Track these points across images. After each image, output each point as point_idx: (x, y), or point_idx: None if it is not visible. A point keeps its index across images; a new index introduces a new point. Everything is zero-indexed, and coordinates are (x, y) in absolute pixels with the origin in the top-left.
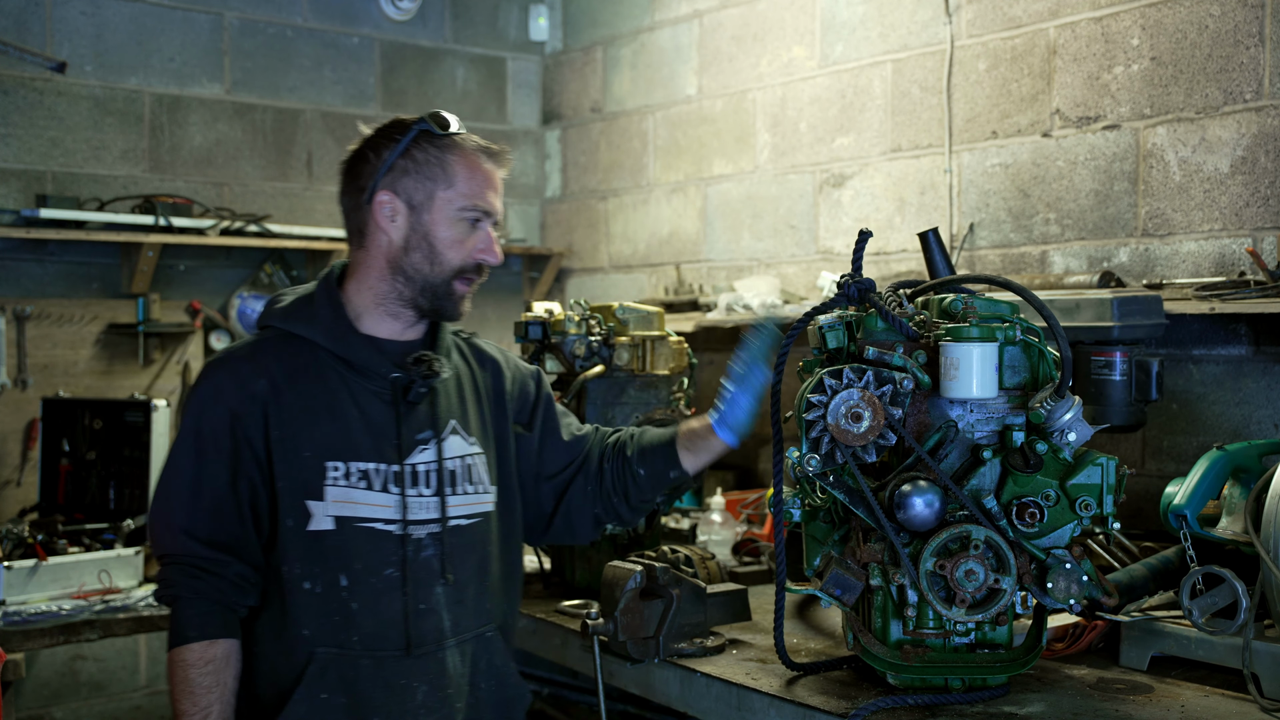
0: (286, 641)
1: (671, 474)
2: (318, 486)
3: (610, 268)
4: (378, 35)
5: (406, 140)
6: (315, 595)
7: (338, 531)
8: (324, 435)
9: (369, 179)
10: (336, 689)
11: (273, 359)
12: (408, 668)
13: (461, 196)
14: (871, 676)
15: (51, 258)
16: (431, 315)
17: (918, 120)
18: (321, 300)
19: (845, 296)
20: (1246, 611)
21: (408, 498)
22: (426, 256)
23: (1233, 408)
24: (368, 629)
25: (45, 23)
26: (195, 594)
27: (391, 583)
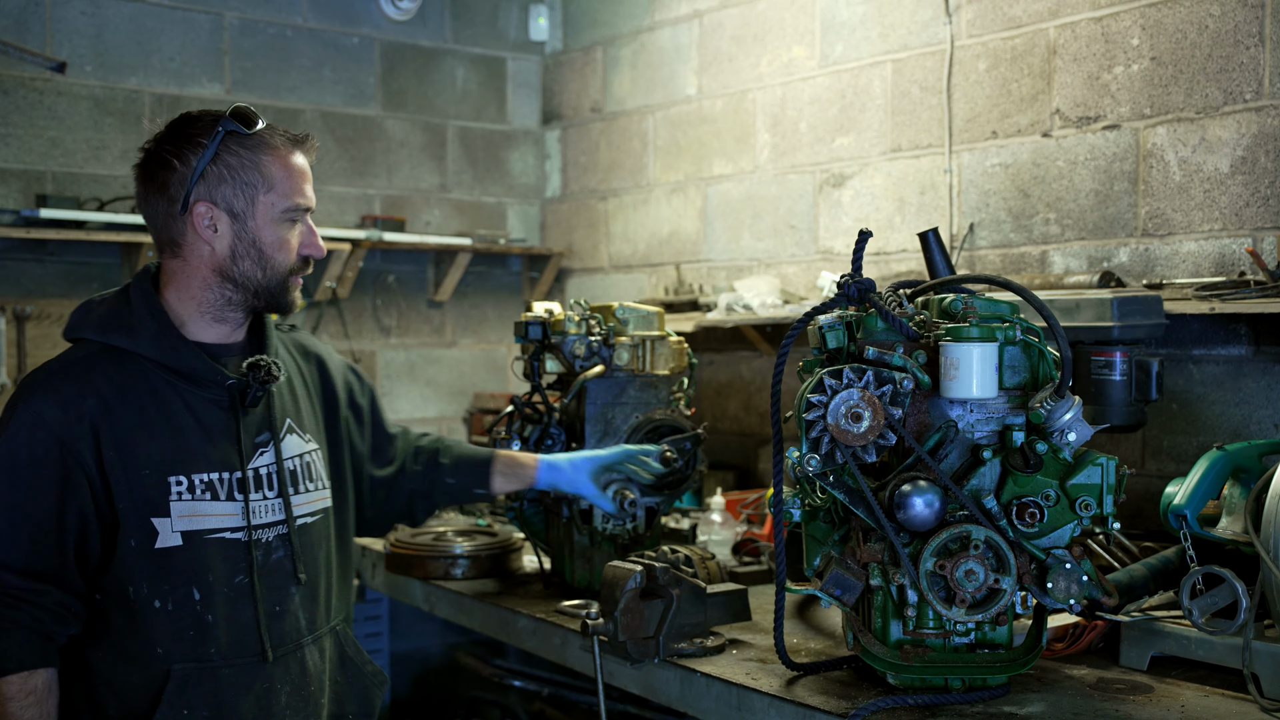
0: (138, 663)
1: (478, 491)
2: (162, 503)
3: (610, 268)
4: (378, 35)
5: (214, 144)
6: (167, 613)
7: (186, 546)
8: (162, 450)
9: (179, 187)
10: (199, 704)
11: (99, 376)
12: (269, 672)
13: (283, 198)
14: (871, 676)
15: (51, 258)
16: (269, 311)
17: (918, 120)
18: (141, 310)
19: (845, 296)
20: (1246, 611)
21: (252, 502)
22: (257, 263)
23: (1233, 408)
24: (224, 639)
25: (45, 23)
26: (12, 624)
27: (243, 590)
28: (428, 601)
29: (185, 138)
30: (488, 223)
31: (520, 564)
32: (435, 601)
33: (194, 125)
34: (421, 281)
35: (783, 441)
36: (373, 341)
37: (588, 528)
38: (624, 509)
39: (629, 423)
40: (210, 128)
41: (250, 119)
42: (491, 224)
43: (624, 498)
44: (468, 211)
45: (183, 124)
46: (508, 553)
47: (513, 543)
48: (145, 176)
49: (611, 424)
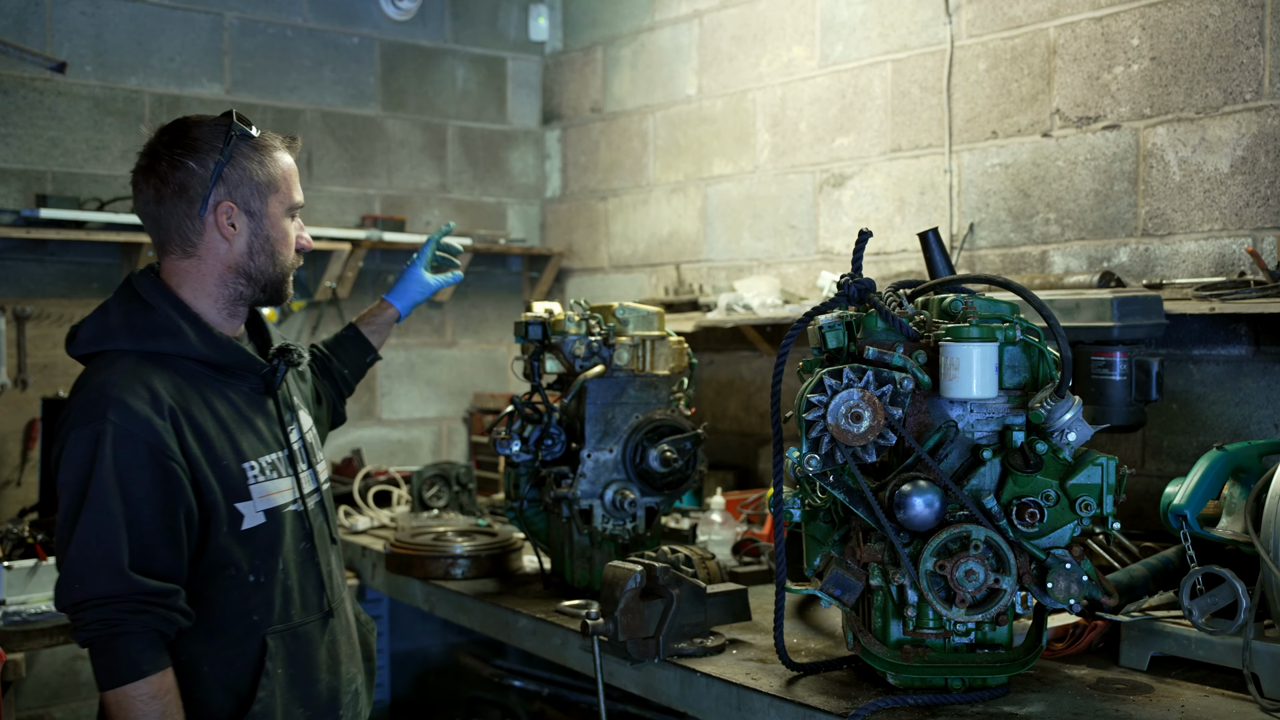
0: (234, 635)
1: (368, 359)
2: (243, 488)
3: (610, 268)
4: (378, 35)
5: (230, 148)
6: (260, 585)
7: (268, 523)
8: (232, 440)
9: (200, 189)
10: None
11: (158, 382)
12: (332, 625)
13: (287, 197)
14: (871, 676)
15: (51, 258)
16: (270, 303)
17: (918, 120)
18: (173, 314)
19: (845, 296)
20: (1246, 611)
21: (300, 475)
22: (270, 258)
23: (1233, 408)
24: (301, 601)
25: (45, 23)
26: (144, 628)
27: (307, 555)
28: (428, 601)
29: (197, 142)
30: (488, 223)
31: (520, 564)
32: (435, 601)
33: (201, 130)
34: None
35: (783, 441)
36: None
37: (588, 528)
38: (623, 509)
39: (629, 423)
40: (219, 133)
41: (251, 123)
42: (491, 224)
43: (624, 497)
44: (468, 211)
45: (188, 129)
46: (508, 553)
47: (513, 543)
48: (158, 180)
49: (611, 424)
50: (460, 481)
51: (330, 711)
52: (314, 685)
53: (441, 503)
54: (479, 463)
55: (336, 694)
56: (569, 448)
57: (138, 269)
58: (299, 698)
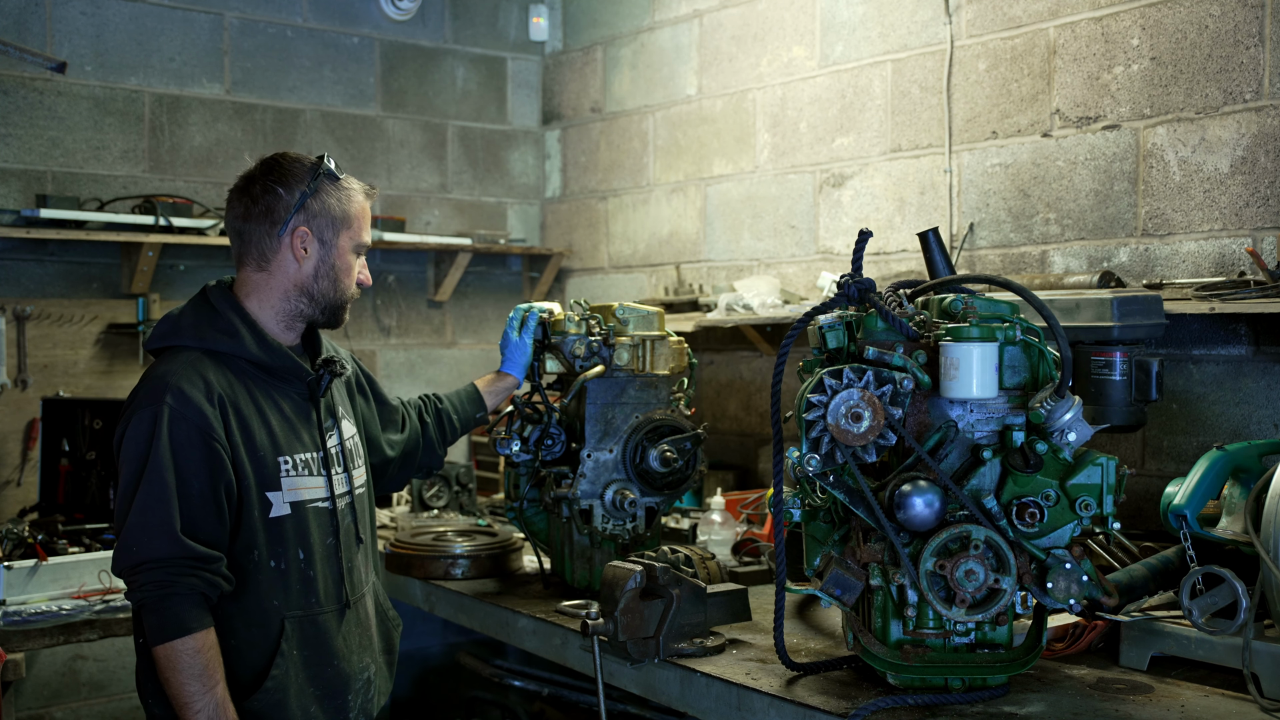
0: (259, 616)
1: (478, 415)
2: (275, 479)
3: (610, 268)
4: (378, 35)
5: (316, 183)
6: (280, 571)
7: (293, 515)
8: (271, 434)
9: (284, 213)
10: (303, 646)
11: (213, 375)
12: (349, 617)
13: (356, 236)
14: (871, 676)
15: (51, 258)
16: (324, 326)
17: (918, 120)
18: (235, 319)
19: (845, 296)
20: (1246, 611)
21: (333, 476)
22: (332, 284)
23: (1233, 408)
24: (321, 591)
25: (45, 23)
26: (191, 589)
27: (331, 550)
28: (428, 601)
29: (288, 174)
30: (488, 223)
31: (520, 564)
32: (435, 601)
33: (295, 164)
34: (421, 281)
35: (783, 441)
36: (373, 341)
37: (588, 528)
38: (623, 509)
39: (629, 423)
40: (309, 169)
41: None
42: (491, 224)
43: (624, 497)
44: (468, 211)
45: (284, 162)
46: (508, 553)
47: (513, 543)
48: (249, 200)
49: (611, 424)
50: (460, 481)
51: (339, 694)
52: (326, 668)
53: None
54: (479, 463)
55: (347, 680)
56: (569, 448)
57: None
58: (311, 678)
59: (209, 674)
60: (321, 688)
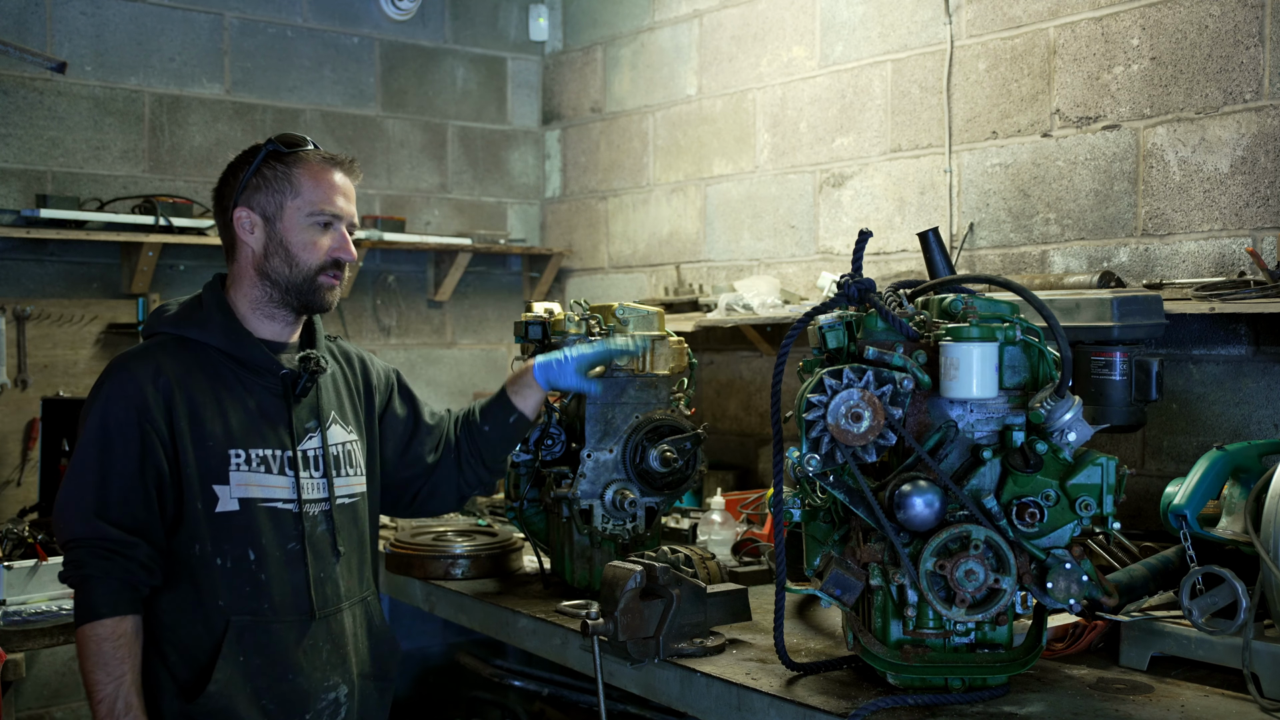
0: (202, 614)
1: (510, 418)
2: (223, 472)
3: (610, 268)
4: (378, 35)
5: (257, 161)
6: (226, 570)
7: (242, 512)
8: (224, 426)
9: (229, 198)
10: (253, 651)
11: (171, 359)
12: (314, 629)
13: (308, 204)
14: (871, 676)
15: (51, 258)
16: (304, 310)
17: (918, 120)
18: (211, 307)
19: (845, 296)
20: (1246, 611)
21: (301, 479)
22: (285, 260)
23: (1233, 408)
24: (277, 596)
25: (45, 23)
26: (105, 574)
27: (295, 555)
28: (428, 601)
29: (242, 159)
30: (488, 223)
31: (520, 564)
32: (435, 601)
33: (251, 150)
34: (421, 281)
35: (783, 441)
36: (373, 341)
37: (588, 528)
38: (623, 509)
39: (629, 423)
40: (260, 150)
41: (293, 142)
42: (491, 224)
43: (624, 497)
44: (468, 211)
45: (246, 151)
46: (508, 553)
47: (513, 543)
48: (214, 196)
49: (611, 424)
50: None
51: (297, 712)
52: (280, 682)
53: None
54: None
55: (306, 697)
56: (569, 448)
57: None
58: (263, 689)
59: (116, 663)
60: (276, 701)
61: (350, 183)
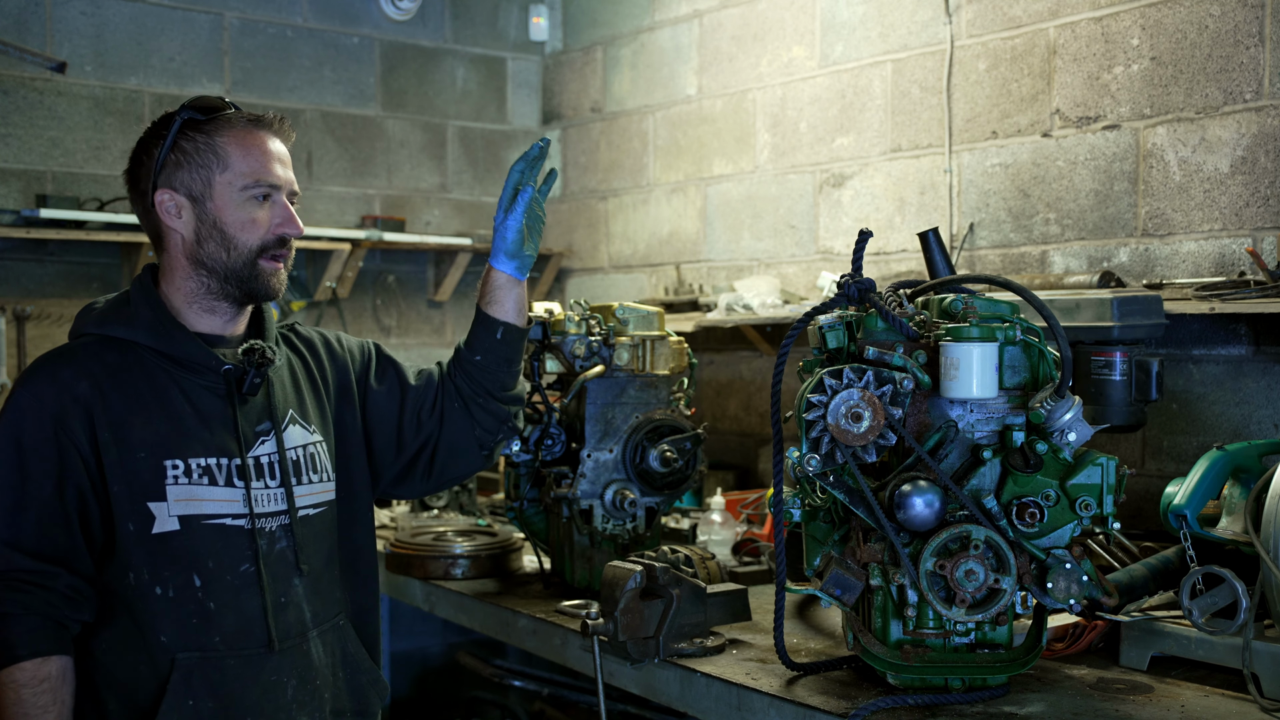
0: (143, 652)
1: (497, 334)
2: (158, 487)
3: (610, 268)
4: (378, 35)
5: (172, 133)
6: (168, 599)
7: (184, 532)
8: (157, 433)
9: (146, 181)
10: (204, 694)
11: (94, 361)
12: (275, 664)
13: (241, 176)
14: (871, 676)
15: (51, 258)
16: (247, 299)
17: (918, 120)
18: (139, 301)
19: (845, 296)
20: (1246, 611)
21: (253, 490)
22: (221, 244)
23: (1233, 408)
24: (229, 628)
25: (45, 23)
26: (24, 609)
27: (248, 579)
28: (428, 601)
29: (154, 132)
30: (488, 223)
31: (520, 564)
32: (435, 601)
33: (163, 121)
34: (421, 281)
35: (783, 441)
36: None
37: (588, 528)
38: (623, 509)
39: (629, 423)
40: (172, 120)
41: (210, 106)
42: (491, 224)
43: (624, 497)
44: (468, 211)
45: (157, 122)
46: (508, 553)
47: (513, 543)
48: (127, 179)
49: (611, 424)
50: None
51: None
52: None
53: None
54: None
55: None
56: (569, 448)
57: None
58: None
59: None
60: None
61: (284, 146)
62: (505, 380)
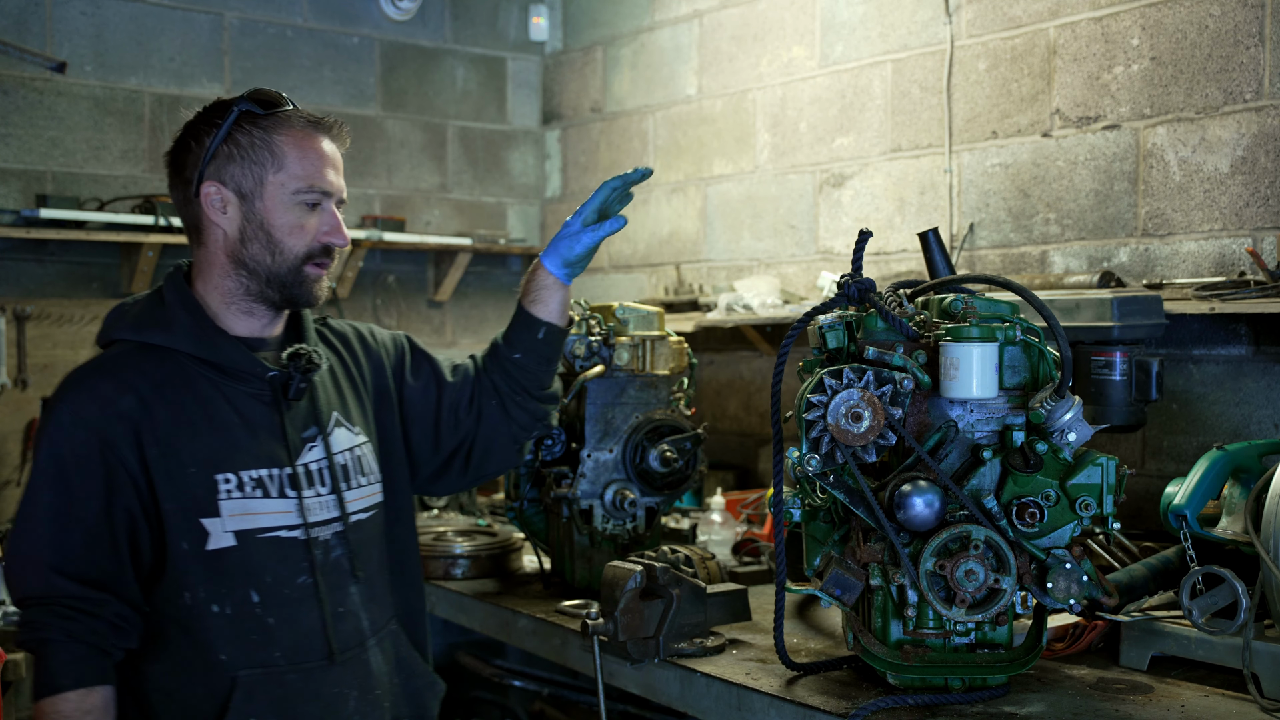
0: (200, 673)
1: (539, 334)
2: (210, 502)
3: (610, 268)
4: (378, 35)
5: (228, 123)
6: (226, 617)
7: (239, 547)
8: (207, 446)
9: (193, 169)
10: (266, 711)
11: (134, 373)
12: (336, 676)
13: (295, 179)
14: (871, 676)
15: (51, 258)
16: (286, 305)
17: (918, 120)
18: (175, 305)
19: (845, 296)
20: (1246, 611)
21: (305, 499)
22: (265, 247)
23: (1233, 408)
24: (288, 642)
25: (45, 23)
26: (69, 637)
27: (306, 590)
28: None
29: (206, 119)
30: (488, 223)
31: (520, 564)
32: (435, 601)
33: (217, 108)
34: (421, 281)
35: (783, 441)
36: None
37: (588, 528)
38: (623, 509)
39: (629, 423)
40: (229, 110)
41: (270, 100)
42: (491, 224)
43: (624, 497)
44: (468, 211)
45: (210, 108)
46: (508, 553)
47: (513, 543)
48: (171, 161)
49: (611, 424)
50: None
51: None
52: None
53: (441, 503)
54: None
55: None
56: (569, 448)
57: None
58: None
59: None
60: None
61: (338, 151)
62: (543, 379)
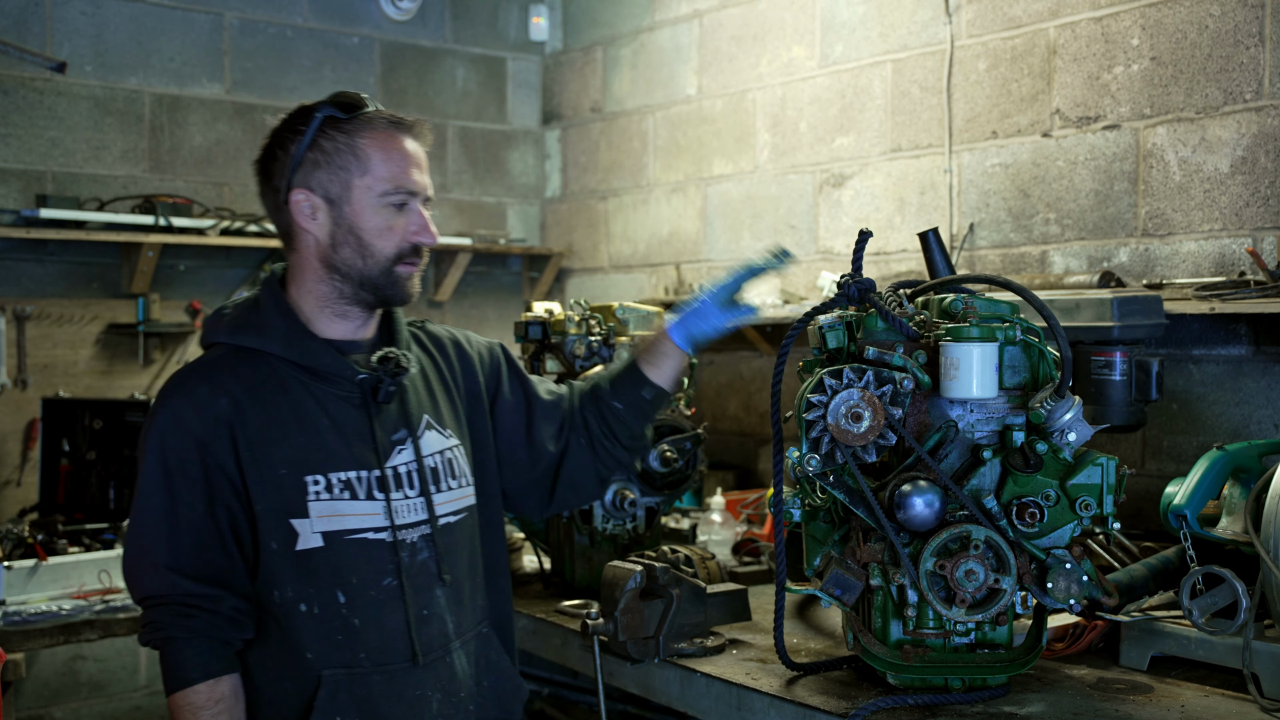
0: (289, 668)
1: (645, 394)
2: (300, 503)
3: (610, 268)
4: (378, 35)
5: (311, 130)
6: (313, 616)
7: (327, 548)
8: (298, 449)
9: (281, 177)
10: (350, 710)
11: (229, 376)
12: (419, 678)
13: (381, 181)
14: (871, 676)
15: (51, 258)
16: (380, 304)
17: (918, 120)
18: (270, 309)
19: (845, 296)
20: (1246, 611)
21: (394, 502)
22: (357, 250)
23: (1233, 408)
24: (373, 643)
25: (45, 23)
26: (191, 634)
27: (391, 592)
28: None
29: (290, 127)
30: (488, 223)
31: (520, 564)
32: None
33: (300, 115)
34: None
35: (783, 441)
36: None
37: (588, 528)
38: (623, 509)
39: None
40: (312, 117)
41: (351, 104)
42: (491, 224)
43: (624, 497)
44: (468, 211)
45: (293, 115)
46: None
47: (513, 543)
48: (258, 171)
49: None
50: None
51: None
52: None
53: None
54: None
55: None
56: None
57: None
58: None
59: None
60: None
61: (422, 150)
62: (639, 432)
